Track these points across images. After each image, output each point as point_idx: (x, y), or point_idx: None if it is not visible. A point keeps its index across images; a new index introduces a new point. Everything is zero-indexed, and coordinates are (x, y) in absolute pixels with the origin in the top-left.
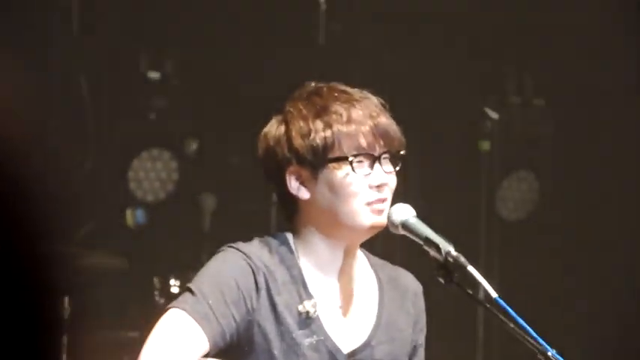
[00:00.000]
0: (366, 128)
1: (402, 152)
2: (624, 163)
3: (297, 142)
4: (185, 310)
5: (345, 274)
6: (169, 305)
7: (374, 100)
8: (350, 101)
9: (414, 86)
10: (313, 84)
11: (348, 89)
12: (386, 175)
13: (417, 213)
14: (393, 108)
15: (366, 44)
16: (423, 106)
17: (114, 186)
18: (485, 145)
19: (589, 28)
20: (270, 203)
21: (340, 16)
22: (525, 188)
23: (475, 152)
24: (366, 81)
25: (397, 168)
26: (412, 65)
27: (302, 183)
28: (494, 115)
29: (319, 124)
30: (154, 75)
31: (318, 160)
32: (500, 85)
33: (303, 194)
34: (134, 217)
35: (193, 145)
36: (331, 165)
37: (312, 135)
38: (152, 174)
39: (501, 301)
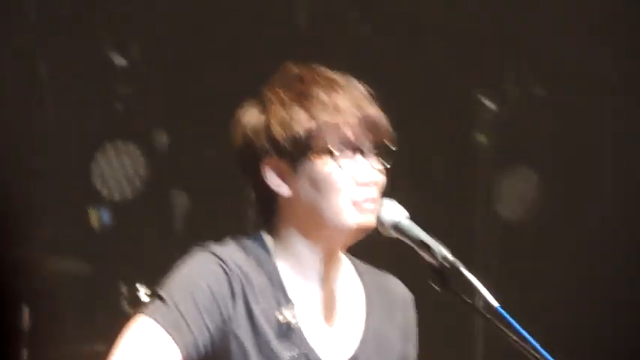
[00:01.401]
0: (352, 119)
1: (392, 147)
2: (633, 157)
3: (277, 131)
4: (155, 318)
5: (328, 280)
6: (137, 313)
7: (360, 88)
8: (335, 88)
9: (403, 73)
10: (295, 68)
11: (332, 74)
12: (374, 171)
13: (407, 211)
14: (381, 97)
15: (351, 26)
16: (413, 95)
17: (75, 183)
18: (482, 138)
19: (594, 13)
20: (247, 201)
21: None
22: (525, 185)
23: (470, 146)
24: (351, 66)
25: (387, 165)
26: (402, 50)
27: (281, 177)
28: (491, 105)
29: (301, 112)
30: (119, 60)
31: (299, 152)
32: (497, 74)
33: (282, 190)
34: (98, 217)
35: (163, 138)
36: (314, 158)
37: (294, 124)
38: (118, 170)
39: (503, 311)
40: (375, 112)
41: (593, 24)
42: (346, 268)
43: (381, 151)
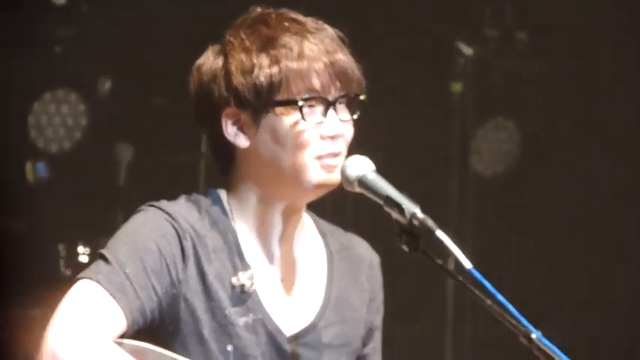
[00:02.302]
0: (320, 66)
1: (361, 97)
2: (621, 108)
3: (237, 79)
4: (98, 281)
5: (287, 241)
6: (78, 276)
7: (330, 33)
8: (302, 33)
9: (373, 16)
10: (259, 9)
11: (301, 18)
12: (341, 124)
13: (376, 167)
14: (353, 44)
15: None
16: (384, 40)
17: (11, 134)
18: (457, 87)
19: None
20: (199, 154)
21: None
22: (504, 138)
23: (445, 95)
24: (320, 8)
25: (355, 116)
26: None
27: (240, 129)
28: (467, 50)
29: (265, 59)
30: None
31: (261, 102)
32: (475, 15)
33: (241, 142)
34: (35, 171)
35: (106, 85)
36: (277, 109)
37: (256, 71)
38: (56, 119)
39: (476, 273)
40: (344, 57)
41: None
42: (308, 228)
43: (350, 101)
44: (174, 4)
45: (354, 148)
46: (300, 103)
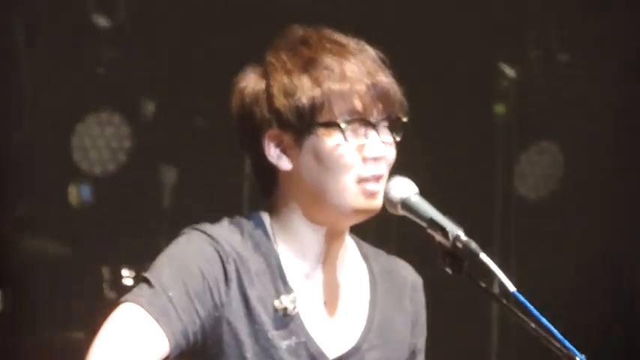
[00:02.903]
0: (361, 87)
1: (403, 119)
2: None
3: (280, 101)
4: (140, 304)
5: (330, 264)
6: (122, 299)
7: (372, 54)
8: (344, 54)
9: (415, 36)
10: (300, 30)
11: (342, 39)
12: (384, 146)
13: (419, 189)
14: (394, 65)
15: None
16: (425, 61)
17: (54, 156)
18: (500, 109)
19: None
20: (243, 176)
21: None
22: (548, 162)
23: (488, 117)
24: (360, 28)
25: (398, 138)
26: (413, 9)
27: (283, 151)
28: (510, 72)
29: (306, 81)
30: (102, 21)
31: (303, 123)
32: (519, 36)
33: (284, 164)
34: (78, 193)
35: (150, 107)
36: (319, 131)
37: (298, 93)
38: (100, 141)
39: (520, 296)
40: (385, 79)
41: None
42: (351, 251)
43: (393, 123)
44: (217, 26)
45: (397, 171)
46: (342, 125)
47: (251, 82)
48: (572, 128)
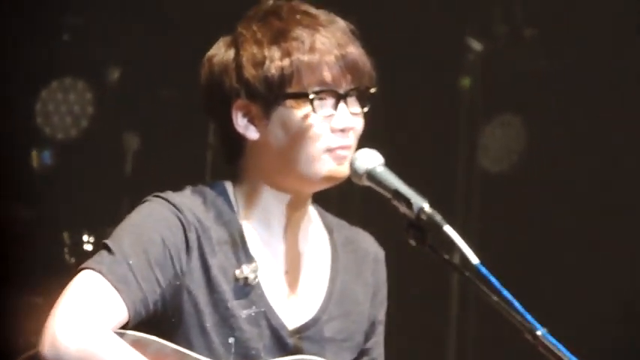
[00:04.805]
0: (331, 59)
1: (372, 90)
2: (631, 106)
3: (249, 71)
4: (101, 271)
5: (292, 234)
6: (82, 266)
7: (342, 26)
8: (314, 26)
9: (381, 10)
10: (271, 1)
11: (313, 10)
12: (352, 117)
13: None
14: (359, 36)
15: None
16: (391, 33)
17: (17, 121)
18: (466, 82)
19: None
20: (205, 145)
21: None
22: (511, 135)
23: (453, 91)
24: (328, 2)
25: (365, 109)
26: None
27: (251, 121)
28: (477, 45)
29: (276, 52)
30: None
31: (272, 94)
32: (485, 10)
33: (252, 134)
34: (41, 158)
35: (114, 74)
36: (288, 102)
37: (267, 64)
38: (63, 107)
39: (483, 269)
40: (355, 50)
41: None
42: (314, 222)
43: (361, 94)
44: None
45: (360, 143)
46: (311, 96)
47: (221, 51)
48: (536, 102)
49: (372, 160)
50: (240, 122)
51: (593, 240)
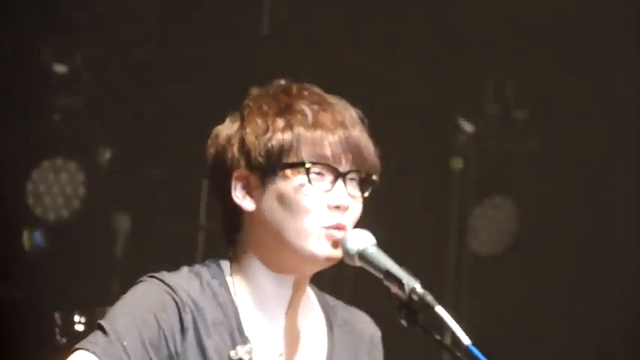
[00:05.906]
0: (334, 137)
1: (373, 177)
2: (620, 188)
3: (250, 141)
4: (95, 352)
5: (290, 315)
6: (76, 346)
7: (350, 109)
8: (321, 103)
9: (373, 89)
10: (283, 82)
11: (323, 93)
12: (350, 198)
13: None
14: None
15: (320, 37)
16: (384, 114)
17: (8, 202)
18: (458, 164)
19: (580, 29)
20: (197, 225)
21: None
22: (502, 217)
23: (445, 172)
24: (321, 81)
25: (365, 194)
26: (372, 64)
27: (249, 192)
28: (468, 127)
29: (279, 123)
30: (59, 68)
31: (270, 164)
32: (476, 92)
33: (248, 205)
34: (32, 239)
35: (105, 154)
36: (286, 172)
37: (269, 134)
38: (55, 188)
39: (474, 349)
40: (360, 135)
41: (585, 40)
42: (311, 301)
43: (362, 180)
44: (175, 78)
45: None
46: (308, 165)
47: (227, 125)
48: (527, 183)
49: (364, 240)
50: (239, 193)
51: (586, 321)
